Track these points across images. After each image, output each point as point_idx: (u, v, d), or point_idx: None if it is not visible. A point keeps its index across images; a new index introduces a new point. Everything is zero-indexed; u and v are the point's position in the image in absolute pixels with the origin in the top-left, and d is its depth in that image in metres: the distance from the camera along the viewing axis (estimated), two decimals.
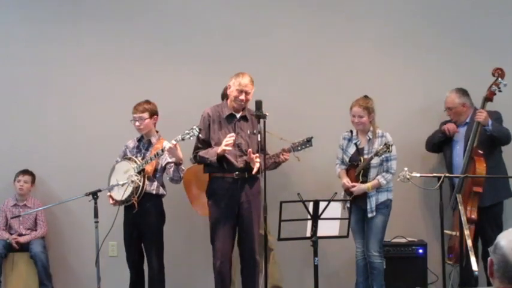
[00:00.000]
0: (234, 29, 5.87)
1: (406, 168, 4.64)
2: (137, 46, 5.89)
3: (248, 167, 4.79)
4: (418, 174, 4.76)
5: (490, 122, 5.06)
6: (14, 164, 5.72)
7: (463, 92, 5.33)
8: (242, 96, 4.82)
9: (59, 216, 5.86)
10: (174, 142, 4.78)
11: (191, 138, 4.78)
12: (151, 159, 4.96)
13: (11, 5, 5.98)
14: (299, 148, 5.14)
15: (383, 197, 5.06)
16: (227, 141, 4.70)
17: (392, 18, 5.85)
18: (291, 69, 5.83)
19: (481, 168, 5.00)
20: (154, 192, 5.06)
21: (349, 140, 5.20)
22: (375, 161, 5.01)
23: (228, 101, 4.93)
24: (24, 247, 5.61)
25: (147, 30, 5.90)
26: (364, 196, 5.03)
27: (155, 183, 5.07)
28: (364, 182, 5.02)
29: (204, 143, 4.90)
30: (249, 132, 4.88)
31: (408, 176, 4.61)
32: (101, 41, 5.90)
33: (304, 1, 5.94)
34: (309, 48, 5.86)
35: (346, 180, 5.07)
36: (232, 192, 4.79)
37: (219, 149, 4.73)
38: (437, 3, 5.87)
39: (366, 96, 5.13)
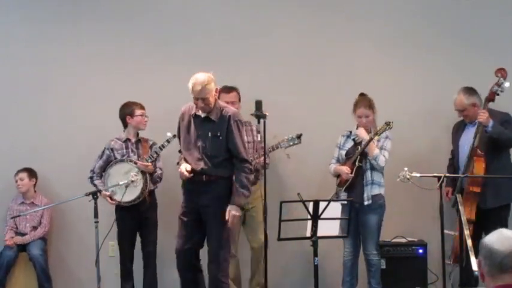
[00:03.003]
0: (234, 29, 5.87)
1: (406, 168, 4.65)
2: (137, 46, 5.89)
3: (206, 170, 4.59)
4: (418, 174, 4.76)
5: (491, 124, 4.96)
6: (14, 164, 5.71)
7: (471, 92, 5.16)
8: (201, 104, 4.55)
9: (58, 216, 5.85)
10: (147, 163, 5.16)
11: (169, 143, 5.10)
12: (149, 158, 5.20)
13: (11, 5, 5.98)
14: (286, 144, 5.18)
15: (375, 190, 5.11)
16: (180, 173, 4.61)
17: (392, 18, 5.85)
18: (291, 69, 5.82)
19: (478, 168, 4.95)
20: (152, 187, 5.36)
21: (348, 137, 5.25)
22: None
23: None
24: (24, 247, 5.59)
25: (147, 30, 5.90)
26: (360, 188, 5.07)
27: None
28: (361, 168, 5.07)
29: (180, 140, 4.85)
30: (210, 134, 4.60)
31: (408, 176, 4.61)
32: (101, 41, 5.90)
33: (304, 1, 5.94)
34: (309, 48, 5.86)
35: (346, 168, 5.09)
36: (192, 194, 4.66)
37: (179, 166, 4.66)
38: (437, 3, 5.87)
39: (363, 94, 5.19)
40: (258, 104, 4.74)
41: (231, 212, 4.52)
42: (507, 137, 5.10)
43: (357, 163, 5.07)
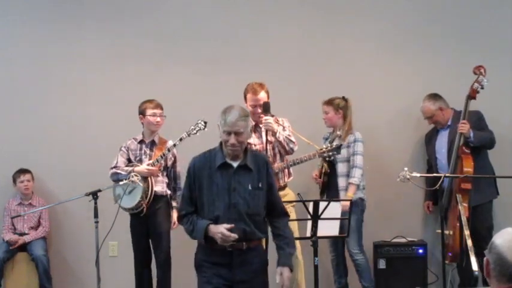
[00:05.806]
0: (234, 29, 5.87)
1: (406, 168, 4.65)
2: (138, 46, 5.88)
3: (247, 235, 3.51)
4: (418, 174, 4.76)
5: (471, 134, 5.04)
6: (14, 164, 5.72)
7: (436, 97, 5.34)
8: (232, 140, 3.43)
9: (59, 216, 5.86)
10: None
11: (197, 133, 4.85)
12: (157, 161, 5.02)
13: (11, 5, 5.98)
14: (325, 155, 4.85)
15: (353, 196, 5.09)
16: (227, 236, 3.40)
17: (393, 18, 5.84)
18: (291, 69, 5.82)
19: (468, 165, 4.96)
20: (164, 193, 5.13)
21: (326, 139, 5.32)
22: (343, 154, 5.07)
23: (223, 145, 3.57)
24: (24, 247, 5.59)
25: (147, 30, 5.90)
26: (334, 192, 5.13)
27: (163, 184, 5.13)
28: (327, 174, 5.17)
29: (190, 201, 3.59)
30: (250, 187, 3.53)
31: (408, 176, 4.61)
32: (101, 41, 5.90)
33: (304, 1, 5.93)
34: (309, 48, 5.86)
35: (315, 173, 5.25)
36: (225, 267, 3.52)
37: (210, 230, 3.45)
38: (439, 3, 5.86)
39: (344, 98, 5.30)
40: (266, 105, 4.73)
41: (285, 274, 3.55)
42: (489, 139, 5.23)
43: (323, 169, 5.16)
